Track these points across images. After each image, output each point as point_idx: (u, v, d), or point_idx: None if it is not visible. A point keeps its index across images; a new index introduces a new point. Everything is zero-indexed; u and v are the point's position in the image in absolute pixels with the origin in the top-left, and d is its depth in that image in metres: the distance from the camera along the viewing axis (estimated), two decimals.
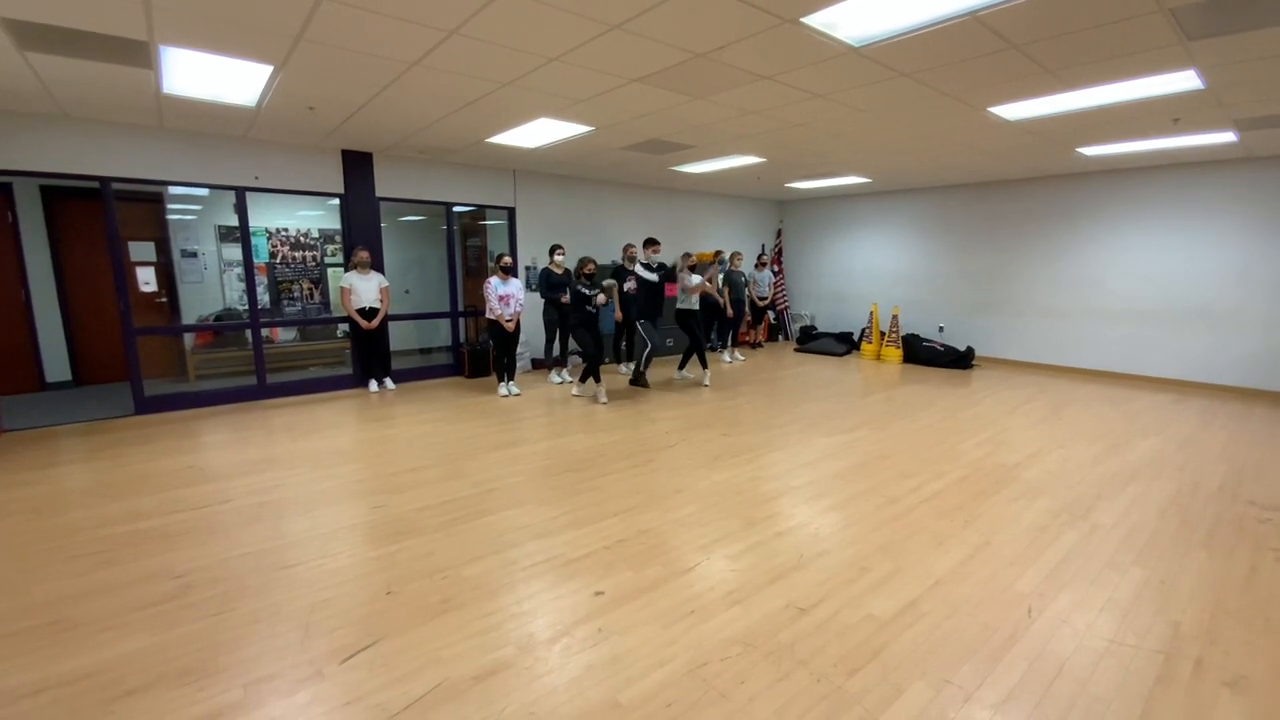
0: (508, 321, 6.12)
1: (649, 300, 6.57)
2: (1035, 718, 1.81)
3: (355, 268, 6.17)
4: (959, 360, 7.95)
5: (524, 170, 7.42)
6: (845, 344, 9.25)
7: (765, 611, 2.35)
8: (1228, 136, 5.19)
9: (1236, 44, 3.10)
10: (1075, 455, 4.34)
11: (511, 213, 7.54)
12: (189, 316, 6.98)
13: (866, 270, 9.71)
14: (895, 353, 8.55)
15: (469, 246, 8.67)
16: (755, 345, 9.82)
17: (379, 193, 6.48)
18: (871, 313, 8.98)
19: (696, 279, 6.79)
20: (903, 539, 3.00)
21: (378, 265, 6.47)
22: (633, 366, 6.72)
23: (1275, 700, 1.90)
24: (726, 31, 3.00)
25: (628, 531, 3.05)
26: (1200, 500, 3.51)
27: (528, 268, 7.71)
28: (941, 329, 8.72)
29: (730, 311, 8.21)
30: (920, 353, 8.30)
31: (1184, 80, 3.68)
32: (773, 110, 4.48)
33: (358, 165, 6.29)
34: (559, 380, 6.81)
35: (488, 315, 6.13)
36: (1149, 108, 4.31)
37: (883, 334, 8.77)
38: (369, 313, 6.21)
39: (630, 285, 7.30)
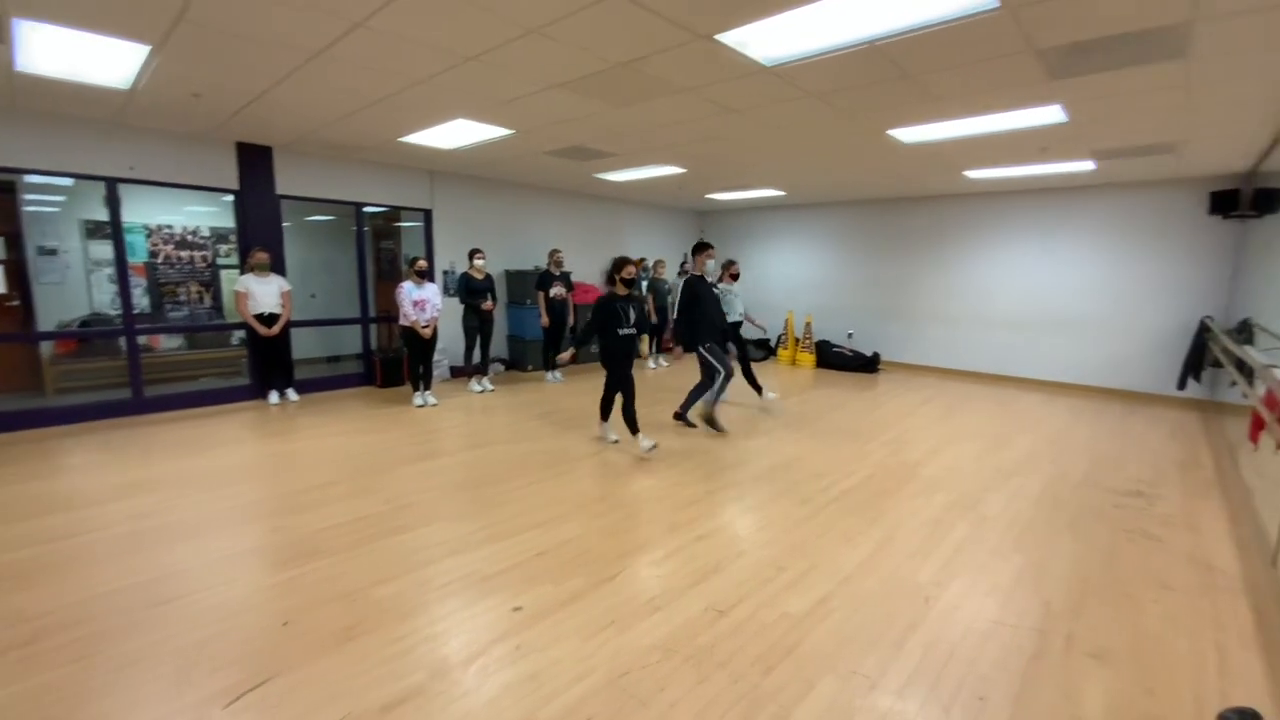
0: (423, 328, 5.83)
1: (704, 318, 5.13)
2: (930, 700, 1.94)
3: (252, 270, 5.70)
4: (866, 365, 8.47)
5: (442, 171, 7.17)
6: (763, 350, 9.61)
7: (686, 616, 2.38)
8: (1087, 165, 5.86)
9: (1094, 83, 3.51)
10: (966, 452, 4.72)
11: (428, 215, 7.26)
12: (47, 322, 6.16)
13: (782, 279, 10.14)
14: (809, 358, 8.98)
15: (382, 249, 8.26)
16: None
17: (280, 190, 6.03)
18: (787, 320, 9.38)
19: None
20: (815, 538, 3.14)
21: (279, 267, 6.01)
22: (689, 402, 5.35)
23: (1133, 668, 2.14)
24: (645, 43, 3.04)
25: (549, 543, 3.00)
26: (1067, 490, 3.92)
27: (445, 272, 7.45)
28: (850, 335, 9.25)
29: (654, 319, 8.32)
30: (831, 358, 8.77)
31: (1050, 114, 4.13)
32: (692, 122, 4.59)
33: (255, 159, 5.83)
34: (479, 389, 6.61)
35: (401, 321, 5.84)
36: (1021, 137, 4.80)
37: (797, 340, 9.19)
38: (268, 319, 5.75)
39: (557, 291, 7.23)
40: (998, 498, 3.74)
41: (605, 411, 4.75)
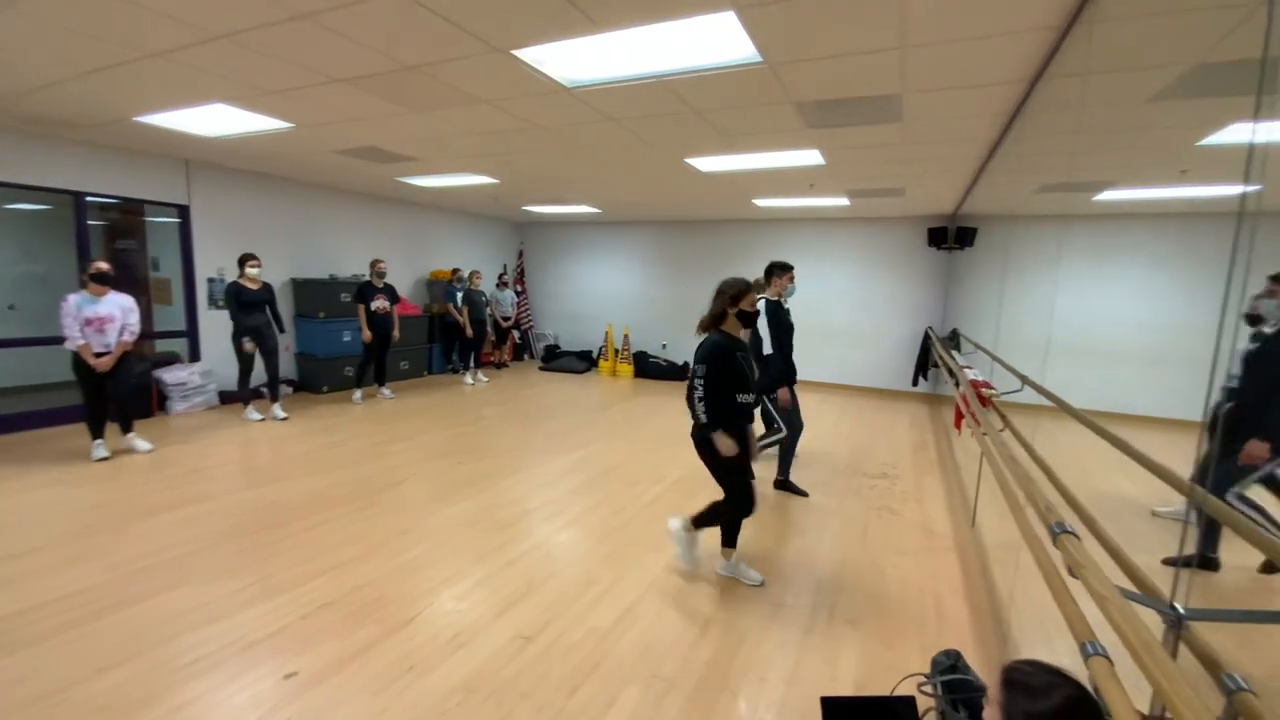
0: (98, 357, 4.21)
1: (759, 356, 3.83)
2: (723, 690, 2.10)
3: None
4: (678, 373, 9.07)
5: (203, 161, 6.07)
6: (586, 361, 9.78)
7: (491, 649, 2.28)
8: (843, 200, 6.99)
9: (840, 135, 4.19)
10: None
11: (184, 211, 6.09)
12: None
13: (602, 293, 10.43)
14: (628, 368, 9.35)
15: (120, 250, 6.73)
16: (500, 365, 9.71)
17: None
18: (607, 332, 9.67)
19: None
20: (626, 546, 3.24)
21: None
22: (784, 464, 4.24)
23: (877, 626, 2.54)
24: (437, 49, 2.89)
25: (337, 591, 2.66)
26: (836, 476, 4.58)
27: (211, 280, 6.31)
28: (665, 346, 9.84)
29: (470, 332, 7.97)
30: (649, 368, 9.24)
31: (812, 157, 4.83)
32: (499, 134, 4.49)
33: None
34: (258, 417, 5.68)
35: (68, 346, 4.16)
36: (794, 174, 5.55)
37: (617, 351, 9.51)
38: None
39: (379, 304, 6.55)
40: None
41: (730, 533, 2.93)
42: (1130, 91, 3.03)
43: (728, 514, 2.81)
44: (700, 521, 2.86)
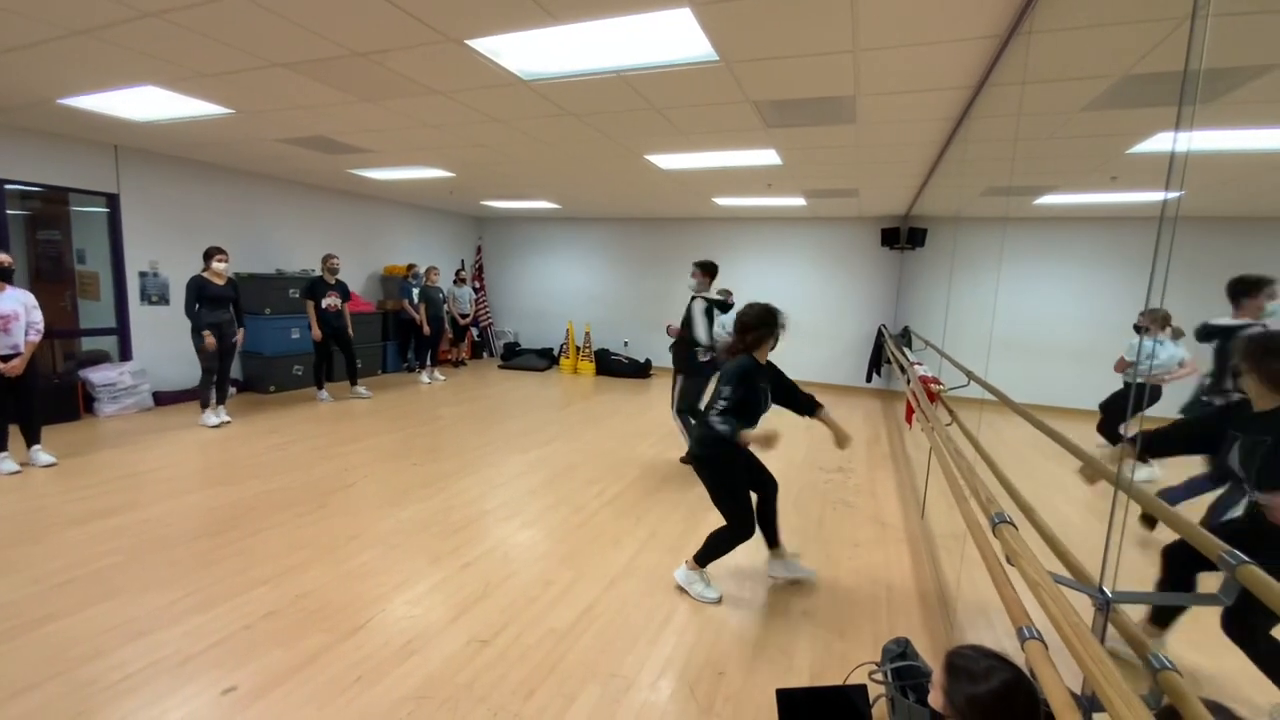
0: (6, 360, 3.84)
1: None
2: (680, 682, 2.10)
3: None
4: (640, 371, 9.08)
5: (134, 148, 5.71)
6: (546, 359, 9.68)
7: (445, 654, 2.22)
8: (799, 201, 7.12)
9: (796, 135, 4.25)
10: None
11: (114, 200, 5.72)
12: None
13: (562, 290, 10.33)
14: (589, 366, 9.30)
15: (42, 241, 6.27)
16: (458, 363, 9.51)
17: None
18: (568, 330, 9.59)
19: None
20: (585, 545, 3.21)
21: None
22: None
23: (831, 616, 2.60)
24: (386, 36, 2.79)
25: (281, 600, 2.55)
26: (793, 470, 4.66)
27: (143, 274, 5.95)
28: (626, 344, 9.82)
29: (427, 329, 7.78)
30: (610, 365, 9.21)
31: (769, 156, 4.89)
32: (453, 126, 4.38)
33: None
34: (216, 421, 5.33)
35: None
36: (751, 174, 5.62)
37: (578, 349, 9.45)
38: None
39: (330, 301, 6.31)
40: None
41: (771, 534, 2.94)
42: (1065, 100, 3.19)
43: (729, 541, 2.68)
44: (703, 559, 2.74)
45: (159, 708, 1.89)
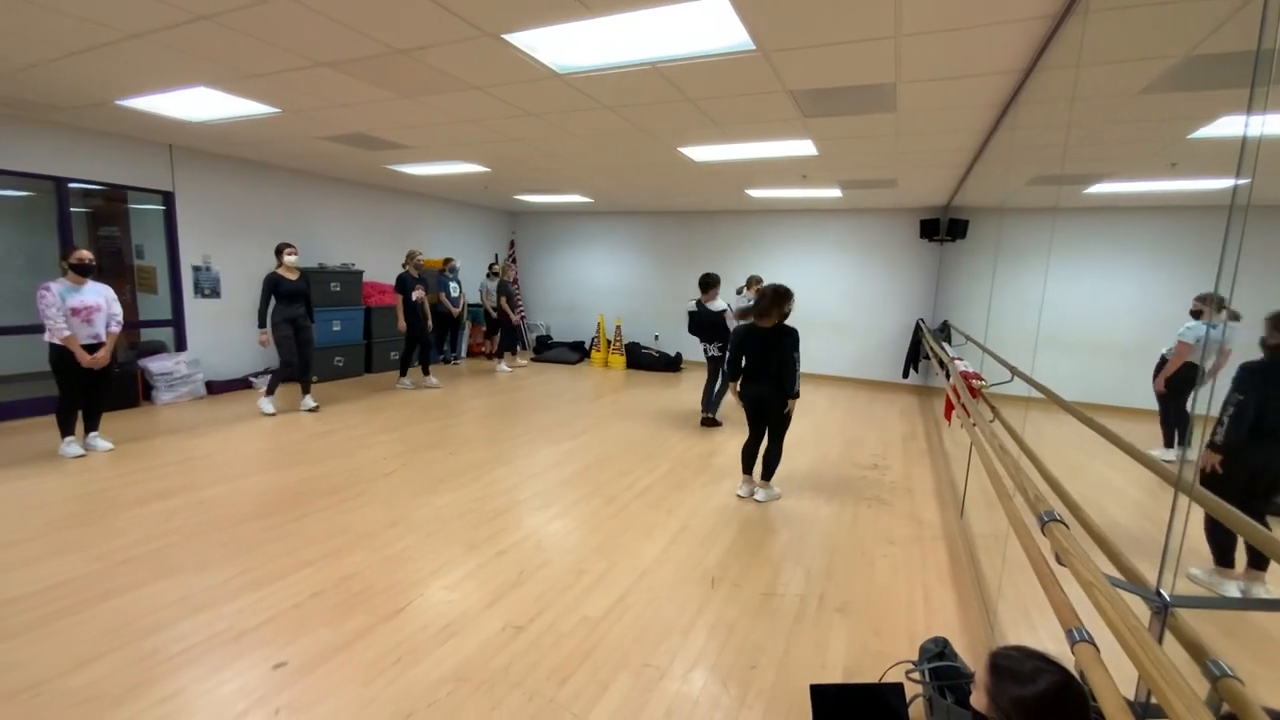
0: (90, 349, 4.05)
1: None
2: (713, 675, 2.11)
3: None
4: (670, 364, 9.06)
5: (187, 147, 5.95)
6: (578, 352, 9.75)
7: (482, 638, 2.27)
8: (835, 192, 6.97)
9: (834, 125, 4.17)
10: None
11: (169, 197, 5.98)
12: None
13: (594, 283, 10.38)
14: (620, 359, 9.33)
15: (103, 237, 6.60)
16: (491, 355, 9.65)
17: None
18: (599, 323, 9.64)
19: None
20: (617, 535, 3.24)
21: None
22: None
23: (866, 615, 2.57)
24: (426, 32, 2.84)
25: (326, 581, 2.65)
26: (826, 466, 4.60)
27: (196, 268, 6.21)
28: (657, 337, 9.82)
29: (514, 320, 8.41)
30: (640, 359, 9.22)
31: (805, 147, 4.81)
32: (489, 121, 4.43)
33: None
34: (271, 410, 5.51)
35: (49, 339, 3.97)
36: (786, 164, 5.53)
37: (609, 342, 9.49)
38: None
39: (418, 295, 6.68)
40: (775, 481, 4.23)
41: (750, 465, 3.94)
42: (1122, 83, 3.03)
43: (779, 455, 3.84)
44: (768, 475, 3.84)
45: (215, 679, 1.99)
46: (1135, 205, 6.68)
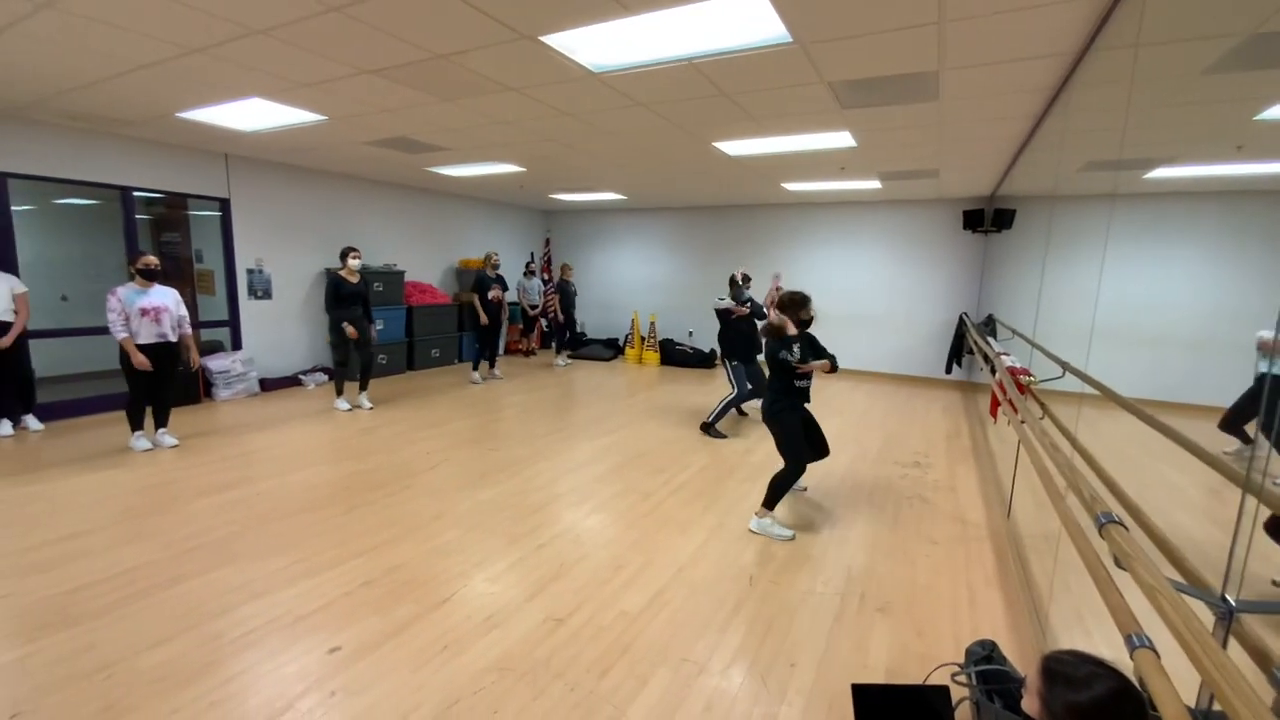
0: (156, 346, 4.29)
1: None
2: (751, 671, 2.11)
3: None
4: (704, 361, 9.03)
5: (242, 155, 6.24)
6: (612, 349, 9.81)
7: (524, 630, 2.33)
8: (874, 184, 6.82)
9: (874, 115, 4.07)
10: None
11: (225, 204, 6.28)
12: None
13: (628, 280, 10.42)
14: (654, 356, 9.35)
15: (165, 243, 6.98)
16: (529, 353, 9.81)
17: (2, 167, 4.82)
18: (633, 320, 9.67)
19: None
20: (654, 531, 3.26)
21: (8, 264, 4.80)
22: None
23: (908, 615, 2.52)
24: (466, 37, 2.90)
25: (375, 571, 2.75)
26: (866, 465, 4.52)
27: (250, 271, 6.51)
28: (691, 334, 9.79)
29: (562, 319, 8.75)
30: (674, 355, 9.22)
31: (843, 139, 4.71)
32: (525, 122, 4.50)
33: None
34: (346, 407, 5.78)
35: (117, 338, 4.19)
36: (823, 157, 5.43)
37: (643, 339, 9.51)
38: None
39: (495, 293, 7.03)
40: (809, 479, 4.19)
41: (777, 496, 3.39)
42: (1183, 63, 2.88)
43: (787, 480, 3.31)
44: (769, 503, 3.31)
45: (276, 661, 2.10)
46: (1199, 190, 6.31)
